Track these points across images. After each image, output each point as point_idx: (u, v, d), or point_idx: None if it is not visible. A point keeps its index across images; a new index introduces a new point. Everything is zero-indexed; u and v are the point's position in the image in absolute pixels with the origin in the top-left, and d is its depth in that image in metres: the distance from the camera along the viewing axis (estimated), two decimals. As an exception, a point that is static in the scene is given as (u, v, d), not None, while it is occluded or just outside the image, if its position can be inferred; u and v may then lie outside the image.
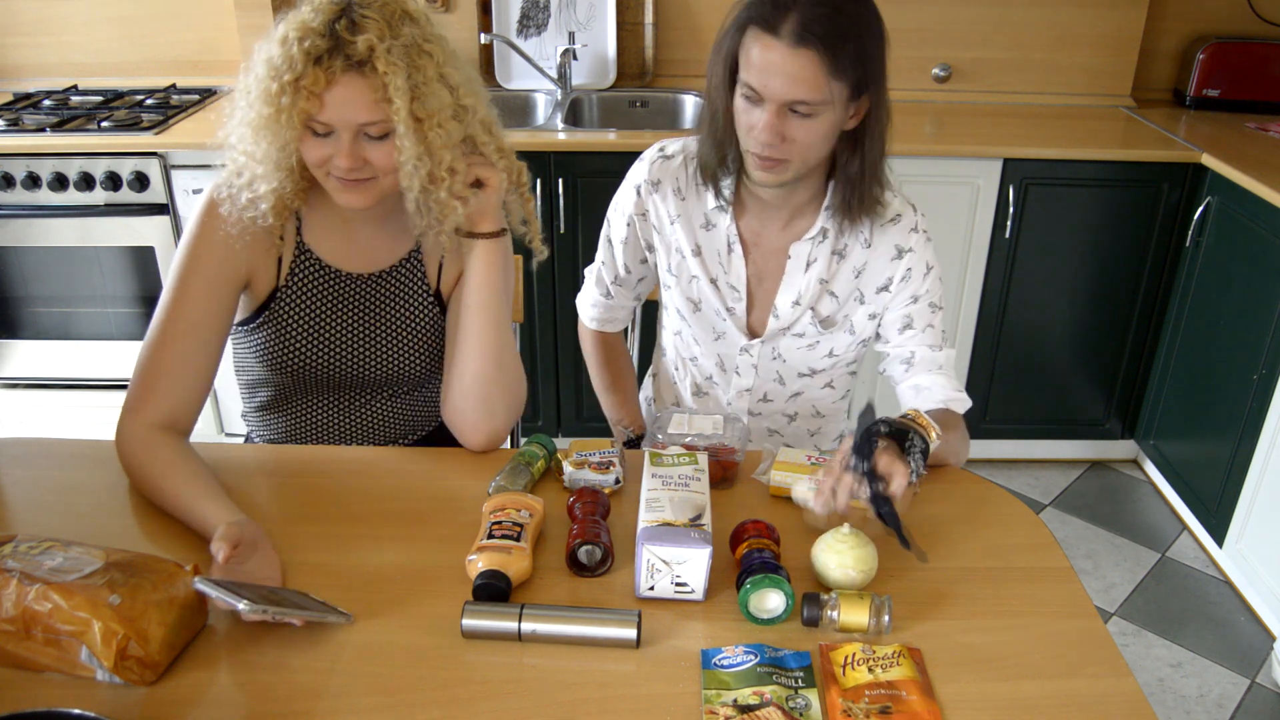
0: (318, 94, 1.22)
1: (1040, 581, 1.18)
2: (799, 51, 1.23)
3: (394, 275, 1.46)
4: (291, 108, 1.22)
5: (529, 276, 2.70)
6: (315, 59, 1.21)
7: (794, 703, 0.99)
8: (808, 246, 1.48)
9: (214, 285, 1.35)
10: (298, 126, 1.24)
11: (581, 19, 2.98)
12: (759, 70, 1.27)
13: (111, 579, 1.00)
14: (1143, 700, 1.01)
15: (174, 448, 1.30)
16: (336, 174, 1.28)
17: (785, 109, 1.27)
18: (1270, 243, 2.36)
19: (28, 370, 2.84)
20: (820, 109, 1.27)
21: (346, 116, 1.24)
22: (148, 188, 2.54)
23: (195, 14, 2.96)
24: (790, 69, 1.24)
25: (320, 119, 1.24)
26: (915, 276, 1.47)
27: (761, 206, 1.48)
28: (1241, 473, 2.46)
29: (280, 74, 1.22)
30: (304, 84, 1.21)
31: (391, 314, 1.47)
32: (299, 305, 1.43)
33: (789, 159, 1.32)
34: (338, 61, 1.21)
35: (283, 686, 1.01)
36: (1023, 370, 2.92)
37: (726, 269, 1.52)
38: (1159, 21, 3.04)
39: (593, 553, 1.16)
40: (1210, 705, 2.23)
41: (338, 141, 1.26)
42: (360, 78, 1.22)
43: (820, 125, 1.29)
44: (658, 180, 1.52)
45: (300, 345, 1.44)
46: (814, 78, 1.24)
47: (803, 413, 1.64)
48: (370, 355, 1.47)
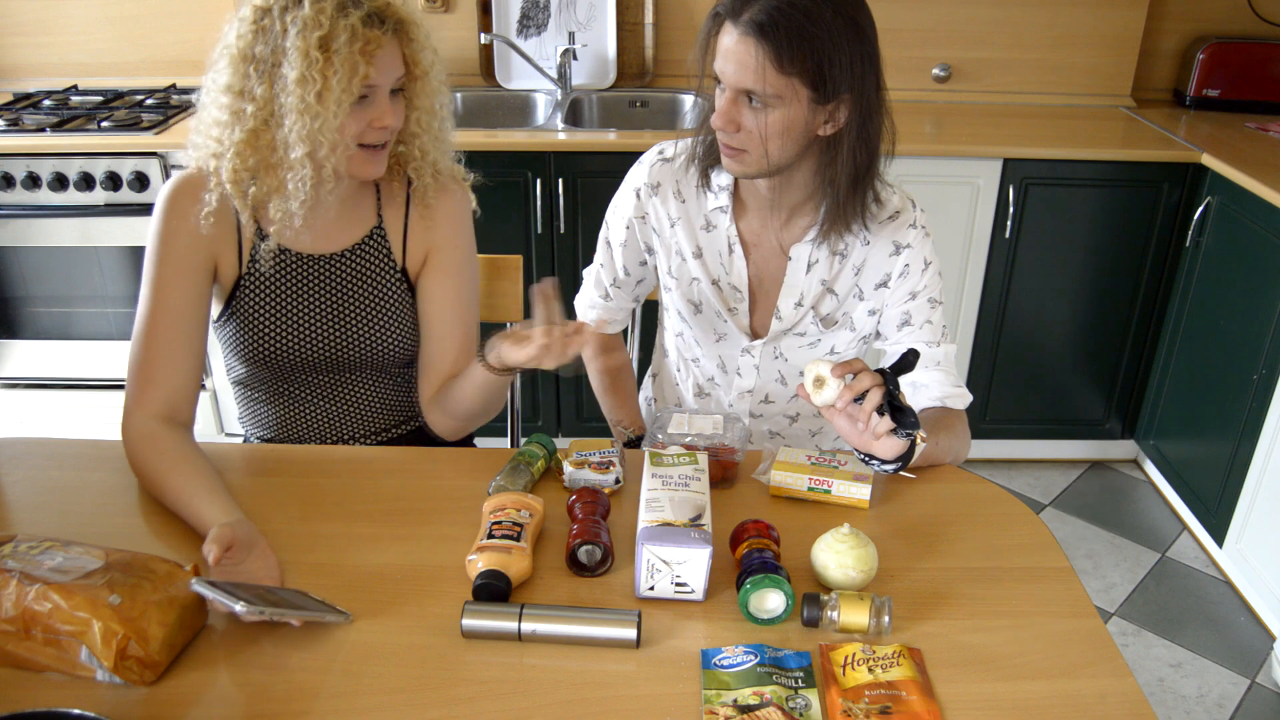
0: (376, 56, 1.29)
1: (1040, 581, 1.18)
2: (745, 40, 1.27)
3: (357, 254, 1.47)
4: (354, 74, 1.27)
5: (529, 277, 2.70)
6: (366, 24, 1.28)
7: (794, 703, 0.99)
8: (808, 248, 1.48)
9: (187, 271, 1.37)
10: (355, 95, 1.29)
11: (581, 19, 2.98)
12: (720, 56, 1.32)
13: (111, 579, 1.00)
14: (1143, 700, 1.01)
15: (178, 444, 1.31)
16: (373, 140, 1.34)
17: (739, 95, 1.31)
18: (1270, 243, 2.36)
19: (28, 370, 2.84)
20: (771, 101, 1.30)
21: (392, 73, 1.32)
22: (148, 188, 2.54)
23: (195, 14, 2.98)
24: (739, 55, 1.28)
25: (372, 81, 1.30)
26: (914, 272, 1.48)
27: (760, 206, 1.48)
28: (1241, 473, 2.46)
29: (339, 43, 1.25)
30: (367, 50, 1.27)
31: (358, 293, 1.48)
32: (264, 292, 1.44)
33: (746, 149, 1.34)
34: (388, 25, 1.30)
35: (282, 686, 1.01)
36: (1023, 370, 2.92)
37: (728, 270, 1.52)
38: (1159, 21, 3.04)
39: (593, 553, 1.16)
40: (1210, 705, 2.23)
41: (376, 104, 1.32)
42: (394, 36, 1.32)
43: (775, 120, 1.31)
44: (658, 183, 1.52)
45: (270, 332, 1.45)
46: (759, 68, 1.27)
47: (805, 413, 1.64)
48: (342, 337, 1.48)
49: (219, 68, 1.32)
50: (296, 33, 1.25)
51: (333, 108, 1.27)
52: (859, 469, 1.31)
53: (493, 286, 1.73)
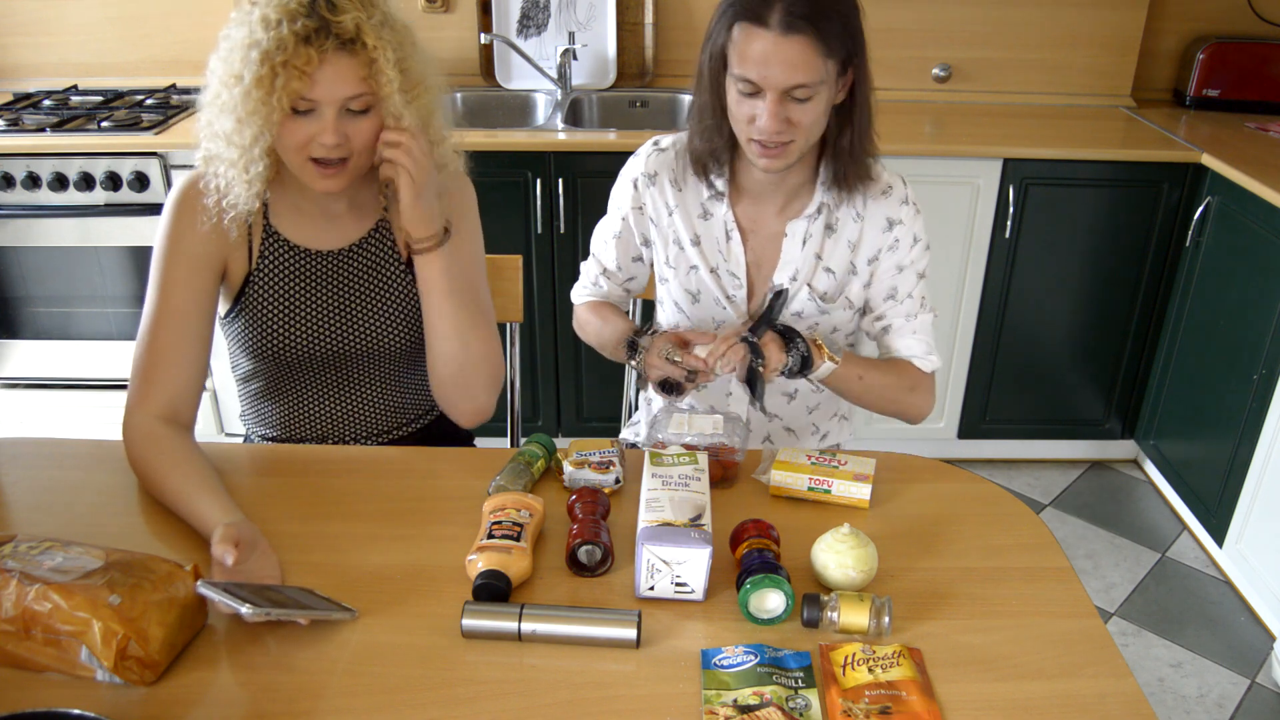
0: (309, 73, 1.25)
1: (1040, 581, 1.18)
2: (790, 38, 1.27)
3: (363, 249, 1.47)
4: (283, 88, 1.24)
5: (529, 277, 2.71)
6: (304, 39, 1.24)
7: (794, 703, 0.99)
8: (804, 224, 1.50)
9: (195, 272, 1.37)
10: (285, 108, 1.26)
11: (581, 19, 2.98)
12: (756, 63, 1.30)
13: (111, 579, 1.00)
14: (1143, 700, 1.01)
15: (179, 443, 1.31)
16: (318, 154, 1.30)
17: (785, 95, 1.31)
18: (1270, 243, 2.36)
19: (28, 370, 2.83)
20: (818, 89, 1.31)
21: (335, 92, 1.27)
22: (148, 188, 2.54)
23: (195, 14, 2.97)
24: (785, 55, 1.28)
25: (309, 96, 1.26)
26: (903, 247, 1.50)
27: (758, 193, 1.50)
28: (1241, 473, 2.46)
29: (270, 56, 1.23)
30: (295, 64, 1.23)
31: (365, 287, 1.48)
32: (272, 289, 1.44)
33: (793, 141, 1.35)
34: (328, 41, 1.24)
35: (282, 686, 1.01)
36: (1023, 370, 2.92)
37: (726, 257, 1.53)
38: (1159, 21, 3.04)
39: (593, 553, 1.16)
40: (1210, 705, 2.23)
41: (320, 119, 1.28)
42: (349, 55, 1.26)
43: (818, 105, 1.33)
44: (654, 172, 1.53)
45: (278, 328, 1.45)
46: (808, 60, 1.28)
47: (803, 390, 1.64)
48: (349, 331, 1.48)
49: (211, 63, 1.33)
50: (243, 32, 1.26)
51: (256, 118, 1.26)
52: (859, 469, 1.32)
53: (492, 287, 1.71)
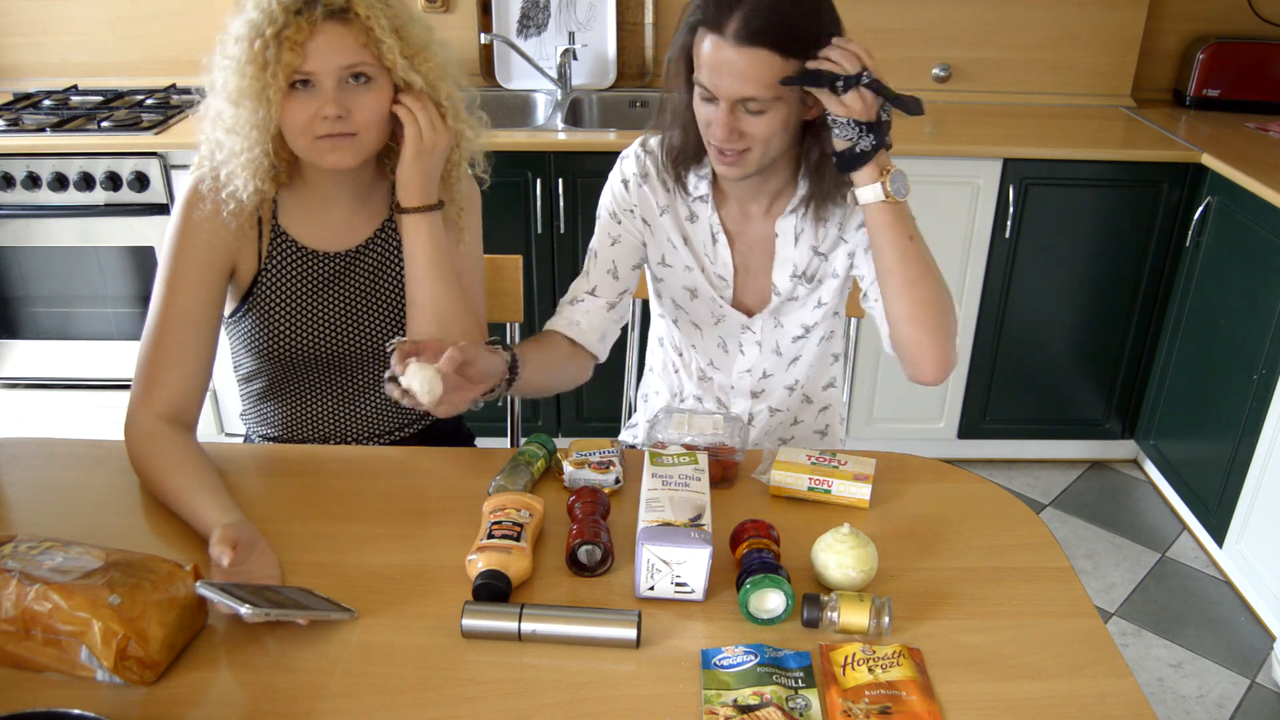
0: (300, 44, 1.24)
1: (1040, 581, 1.18)
2: (745, 50, 1.24)
3: (370, 249, 1.47)
4: (276, 62, 1.24)
5: (529, 277, 2.71)
6: (294, 11, 1.24)
7: (794, 703, 0.99)
8: (792, 219, 1.48)
9: (203, 272, 1.37)
10: (282, 84, 1.25)
11: (581, 19, 2.98)
12: (709, 69, 1.28)
13: (111, 579, 1.00)
14: (1143, 700, 1.01)
15: (180, 444, 1.30)
16: (322, 131, 1.29)
17: (737, 105, 1.29)
18: (1270, 243, 2.36)
19: (28, 370, 2.83)
20: (771, 105, 1.29)
21: (330, 62, 1.26)
22: (148, 188, 2.54)
23: (195, 14, 2.97)
24: (737, 67, 1.26)
25: (304, 69, 1.26)
26: None
27: (740, 195, 1.49)
28: (1241, 473, 2.46)
29: (261, 29, 1.23)
30: (286, 35, 1.23)
31: (372, 288, 1.48)
32: (280, 289, 1.44)
33: (749, 149, 1.33)
34: (317, 11, 1.24)
35: (282, 686, 1.01)
36: (1023, 370, 2.92)
37: (712, 259, 1.53)
38: (1159, 21, 3.04)
39: (593, 553, 1.16)
40: (1210, 705, 2.23)
41: (320, 94, 1.28)
42: (342, 24, 1.26)
43: (774, 119, 1.30)
44: (646, 172, 1.52)
45: (285, 329, 1.45)
46: (761, 75, 1.25)
47: (801, 380, 1.64)
48: (355, 332, 1.48)
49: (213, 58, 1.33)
50: (239, 20, 1.26)
51: (251, 98, 1.26)
52: (859, 469, 1.31)
53: (492, 286, 1.72)
